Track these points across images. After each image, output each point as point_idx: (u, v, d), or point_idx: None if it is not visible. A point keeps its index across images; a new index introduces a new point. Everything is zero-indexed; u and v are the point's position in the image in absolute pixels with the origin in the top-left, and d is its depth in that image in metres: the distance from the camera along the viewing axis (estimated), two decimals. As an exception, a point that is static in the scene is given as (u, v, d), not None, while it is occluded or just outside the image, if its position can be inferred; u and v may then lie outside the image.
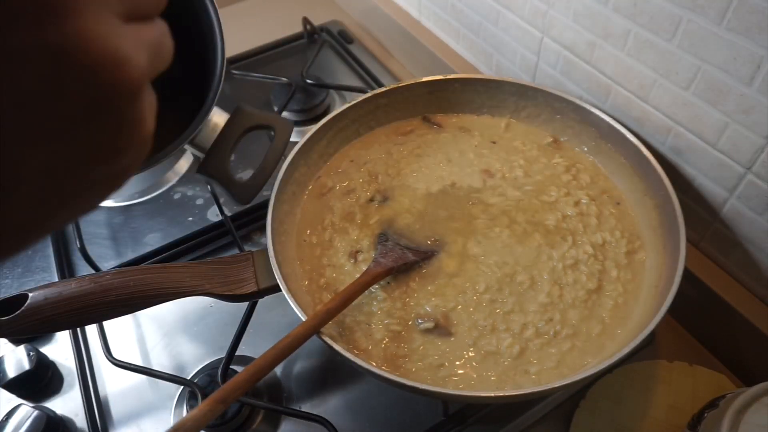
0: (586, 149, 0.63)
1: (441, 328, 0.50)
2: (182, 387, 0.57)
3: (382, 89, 0.65)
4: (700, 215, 0.56)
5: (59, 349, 0.62)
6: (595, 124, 0.60)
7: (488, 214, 0.58)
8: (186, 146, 0.50)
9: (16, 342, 0.61)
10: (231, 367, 0.55)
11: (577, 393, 0.54)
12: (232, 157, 0.54)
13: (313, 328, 0.44)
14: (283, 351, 0.42)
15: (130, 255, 0.69)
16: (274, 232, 0.53)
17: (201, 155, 0.52)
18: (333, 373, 0.58)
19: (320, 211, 0.60)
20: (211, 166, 0.51)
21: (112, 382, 0.59)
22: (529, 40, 0.67)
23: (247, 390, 0.41)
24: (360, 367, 0.43)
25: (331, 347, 0.44)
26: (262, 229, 0.66)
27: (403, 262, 0.53)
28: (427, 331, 0.50)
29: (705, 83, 0.49)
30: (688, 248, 0.48)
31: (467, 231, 0.56)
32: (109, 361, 0.57)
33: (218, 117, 0.52)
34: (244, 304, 0.58)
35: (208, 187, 0.72)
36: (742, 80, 0.46)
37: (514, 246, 0.55)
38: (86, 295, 0.45)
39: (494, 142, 0.65)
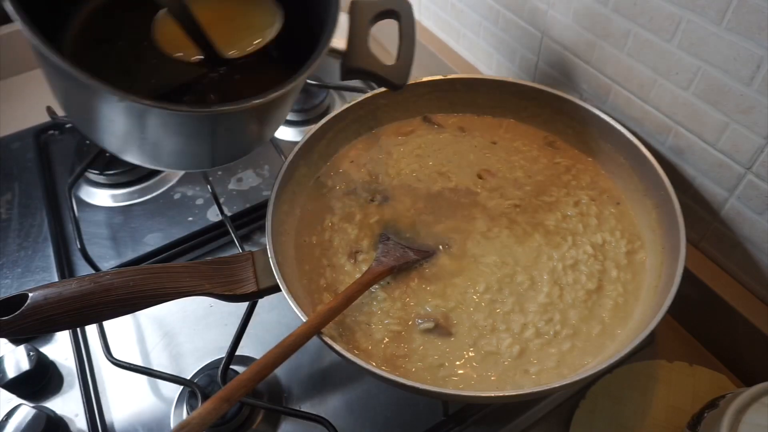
0: (586, 149, 0.63)
1: (441, 328, 0.50)
2: (182, 387, 0.57)
3: (382, 89, 0.65)
4: (700, 215, 0.56)
5: (59, 349, 0.62)
6: (595, 124, 0.60)
7: (488, 214, 0.58)
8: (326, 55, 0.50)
9: (16, 342, 0.61)
10: (231, 367, 0.55)
11: (577, 393, 0.54)
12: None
13: (316, 327, 0.44)
14: (287, 350, 0.42)
15: (130, 255, 0.69)
16: (274, 232, 0.53)
17: (340, 59, 0.52)
18: (333, 373, 0.58)
19: (320, 211, 0.60)
20: (354, 62, 0.51)
21: (112, 382, 0.59)
22: (529, 40, 0.67)
23: (252, 389, 0.41)
24: (360, 367, 0.43)
25: (331, 347, 0.44)
26: (262, 229, 0.66)
27: (405, 261, 0.53)
28: (427, 331, 0.50)
29: (705, 83, 0.49)
30: (688, 248, 0.48)
31: (467, 231, 0.56)
32: (109, 361, 0.56)
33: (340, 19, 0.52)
34: (244, 304, 0.58)
35: (208, 187, 0.72)
36: (741, 80, 0.46)
37: (514, 246, 0.55)
38: (86, 295, 0.45)
39: (494, 143, 0.65)
